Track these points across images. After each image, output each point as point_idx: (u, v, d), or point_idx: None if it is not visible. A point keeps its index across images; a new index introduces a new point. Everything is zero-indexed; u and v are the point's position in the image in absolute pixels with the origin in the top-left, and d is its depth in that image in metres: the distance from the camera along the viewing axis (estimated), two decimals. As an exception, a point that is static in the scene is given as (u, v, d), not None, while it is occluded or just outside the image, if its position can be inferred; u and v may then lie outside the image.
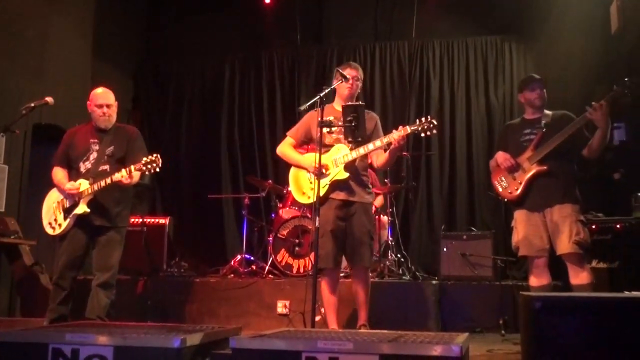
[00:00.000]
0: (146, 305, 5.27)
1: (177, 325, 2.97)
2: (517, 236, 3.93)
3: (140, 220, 5.79)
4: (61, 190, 4.22)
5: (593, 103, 3.65)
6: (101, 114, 4.23)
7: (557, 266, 3.92)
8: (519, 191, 3.90)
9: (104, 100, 4.25)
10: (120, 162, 4.17)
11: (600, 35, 5.68)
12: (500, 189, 4.01)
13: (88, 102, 4.29)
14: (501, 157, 4.01)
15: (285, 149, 4.14)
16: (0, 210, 5.69)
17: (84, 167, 4.19)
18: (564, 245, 3.71)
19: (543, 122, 3.94)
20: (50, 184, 4.36)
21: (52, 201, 4.28)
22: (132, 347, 2.18)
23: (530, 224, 3.87)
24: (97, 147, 4.21)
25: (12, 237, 5.36)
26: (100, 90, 4.32)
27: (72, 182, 4.15)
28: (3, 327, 2.49)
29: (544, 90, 4.03)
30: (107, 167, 4.16)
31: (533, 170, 3.87)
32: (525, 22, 6.87)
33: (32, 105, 4.25)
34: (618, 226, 4.54)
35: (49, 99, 4.26)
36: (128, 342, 2.19)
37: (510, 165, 3.93)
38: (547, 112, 4.02)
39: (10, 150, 5.84)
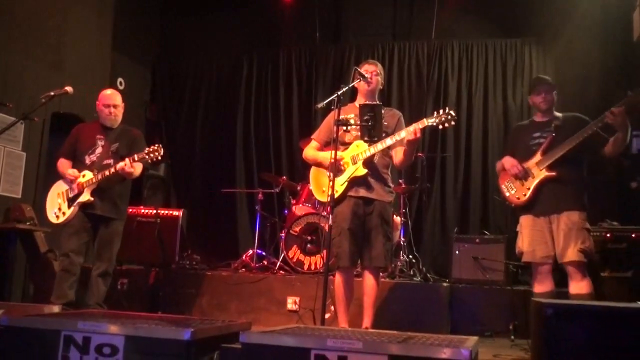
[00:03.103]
0: (157, 296, 5.31)
1: (188, 317, 3.00)
2: (521, 242, 3.86)
3: (154, 211, 5.82)
4: (65, 180, 4.48)
5: (612, 109, 3.56)
6: (108, 113, 4.56)
7: (562, 273, 3.85)
8: (527, 197, 3.82)
9: (111, 101, 4.59)
10: (124, 159, 4.38)
11: (621, 41, 5.63)
12: (507, 194, 3.93)
13: (97, 102, 4.60)
14: (509, 163, 3.91)
15: (307, 151, 4.15)
16: (16, 197, 5.76)
17: (89, 159, 4.48)
18: (569, 253, 3.63)
19: (553, 124, 3.83)
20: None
21: (56, 192, 4.52)
22: (143, 338, 2.19)
23: (535, 229, 3.79)
24: (102, 143, 4.52)
25: (28, 223, 5.43)
26: (109, 91, 4.67)
27: (73, 170, 4.42)
28: (16, 313, 2.51)
29: (553, 94, 3.91)
30: (111, 161, 4.44)
31: (542, 175, 3.78)
32: (545, 25, 6.81)
33: (52, 94, 4.35)
34: (633, 235, 4.50)
35: (69, 89, 4.38)
36: (139, 332, 2.21)
37: (518, 172, 3.84)
38: (557, 114, 3.92)
39: (29, 137, 5.93)
